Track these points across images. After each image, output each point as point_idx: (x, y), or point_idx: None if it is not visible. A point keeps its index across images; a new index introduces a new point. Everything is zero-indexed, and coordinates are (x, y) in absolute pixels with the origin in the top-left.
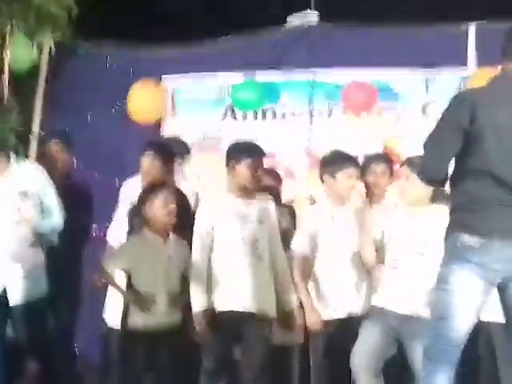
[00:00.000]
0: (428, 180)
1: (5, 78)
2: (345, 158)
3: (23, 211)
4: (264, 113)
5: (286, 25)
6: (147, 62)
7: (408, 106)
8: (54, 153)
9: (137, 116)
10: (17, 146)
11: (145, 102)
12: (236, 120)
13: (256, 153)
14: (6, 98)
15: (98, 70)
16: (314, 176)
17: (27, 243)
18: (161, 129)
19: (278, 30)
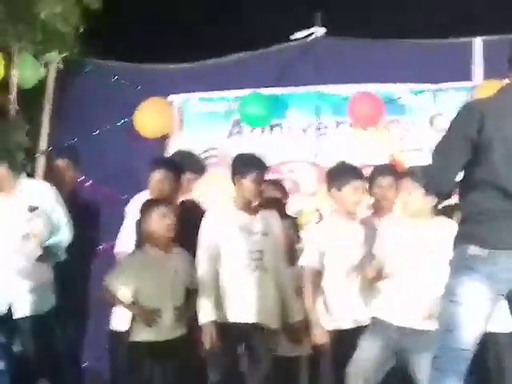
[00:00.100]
0: (435, 191)
1: (13, 96)
2: (351, 171)
3: (31, 227)
4: (271, 127)
5: (293, 40)
6: (154, 78)
7: (415, 119)
8: (62, 169)
9: (144, 131)
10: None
11: (152, 117)
12: (243, 134)
13: (260, 166)
14: (14, 115)
15: (105, 86)
16: (321, 189)
17: (35, 259)
18: (168, 144)
19: (285, 45)
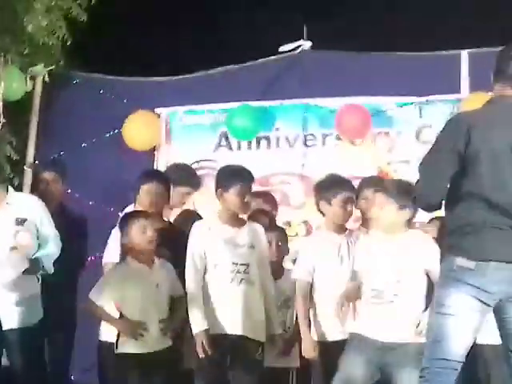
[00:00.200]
0: (424, 203)
1: None
2: (340, 183)
3: (19, 240)
4: (258, 140)
5: (280, 53)
6: (141, 91)
7: (402, 131)
8: (49, 182)
9: (132, 143)
10: (12, 176)
11: (141, 130)
12: (230, 148)
13: (244, 179)
14: (0, 129)
15: (92, 99)
16: (309, 201)
17: (22, 271)
18: (156, 157)
19: (271, 58)
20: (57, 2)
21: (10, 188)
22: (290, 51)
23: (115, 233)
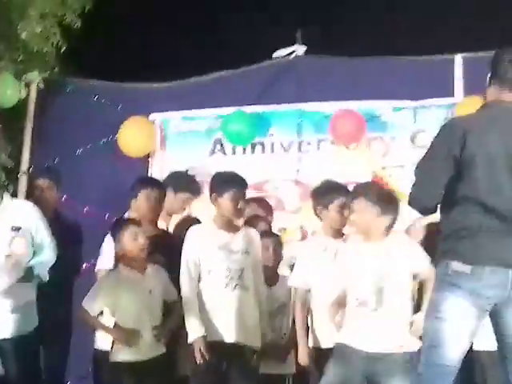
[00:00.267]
0: (420, 207)
1: None
2: (336, 189)
3: (14, 248)
4: (253, 145)
5: (274, 58)
6: (136, 97)
7: (397, 136)
8: (44, 189)
9: (127, 150)
10: (7, 183)
11: (135, 136)
12: (225, 153)
13: (237, 185)
14: None
15: (86, 105)
16: (304, 207)
17: (17, 279)
18: (150, 163)
19: (266, 63)
20: (51, 8)
21: (6, 195)
22: (283, 57)
23: (108, 240)
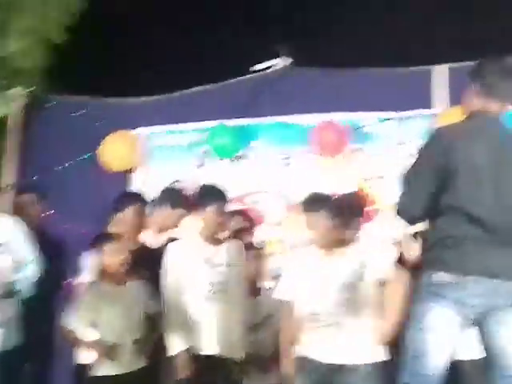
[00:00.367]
0: (407, 216)
1: None
2: (322, 200)
3: None
4: (237, 158)
5: (257, 71)
6: (119, 112)
7: (380, 147)
8: (27, 204)
9: (110, 165)
10: None
11: (119, 151)
12: (208, 166)
13: (220, 198)
14: None
15: (70, 120)
16: (287, 219)
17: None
18: (133, 178)
19: (249, 76)
20: (33, 24)
21: None
22: (266, 68)
23: (87, 255)
